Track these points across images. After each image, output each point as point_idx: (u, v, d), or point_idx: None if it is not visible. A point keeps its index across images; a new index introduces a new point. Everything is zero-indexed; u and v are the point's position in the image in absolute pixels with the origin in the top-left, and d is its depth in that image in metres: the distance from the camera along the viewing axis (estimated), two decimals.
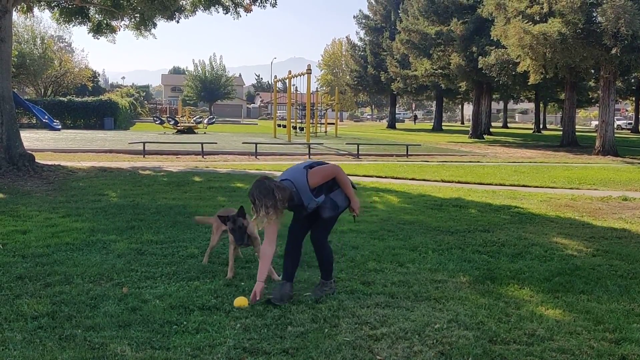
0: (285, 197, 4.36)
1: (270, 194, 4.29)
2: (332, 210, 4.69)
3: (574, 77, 28.80)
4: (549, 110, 74.85)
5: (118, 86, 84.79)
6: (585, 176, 14.67)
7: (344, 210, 4.81)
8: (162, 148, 20.11)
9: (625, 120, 69.61)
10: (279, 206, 4.35)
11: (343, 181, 4.68)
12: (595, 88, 42.42)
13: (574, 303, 4.61)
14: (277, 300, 4.43)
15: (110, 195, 9.62)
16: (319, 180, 4.56)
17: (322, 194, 4.59)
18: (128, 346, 3.56)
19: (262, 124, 60.17)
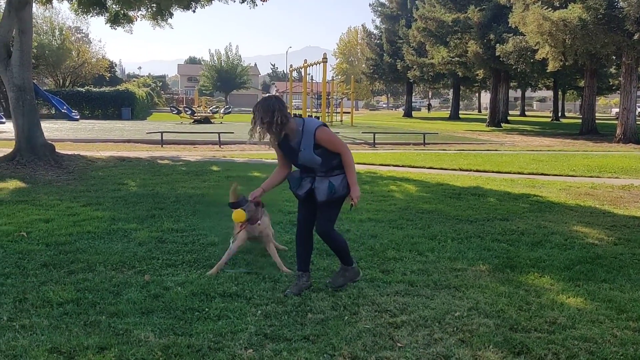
0: (282, 123, 4.26)
1: (270, 112, 4.23)
2: (327, 193, 4.38)
3: (594, 64, 28.36)
4: (567, 98, 73.87)
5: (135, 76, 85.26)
6: (605, 164, 14.50)
7: (342, 198, 4.48)
8: (179, 138, 20.24)
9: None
10: (273, 129, 4.26)
11: (348, 163, 4.41)
12: (616, 75, 41.75)
13: (596, 292, 4.58)
14: (295, 294, 4.44)
15: (129, 184, 9.71)
16: (325, 140, 4.33)
17: (320, 159, 4.36)
18: (151, 332, 3.61)
19: None
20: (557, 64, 25.20)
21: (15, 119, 11.96)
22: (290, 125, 4.35)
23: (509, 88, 45.16)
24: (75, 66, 47.94)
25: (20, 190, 8.92)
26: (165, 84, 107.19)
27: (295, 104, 45.23)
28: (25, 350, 3.31)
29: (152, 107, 55.52)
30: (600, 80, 40.69)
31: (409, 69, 48.41)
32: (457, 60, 38.01)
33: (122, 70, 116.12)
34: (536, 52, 25.64)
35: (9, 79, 11.78)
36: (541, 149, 20.43)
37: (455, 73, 42.59)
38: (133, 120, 35.40)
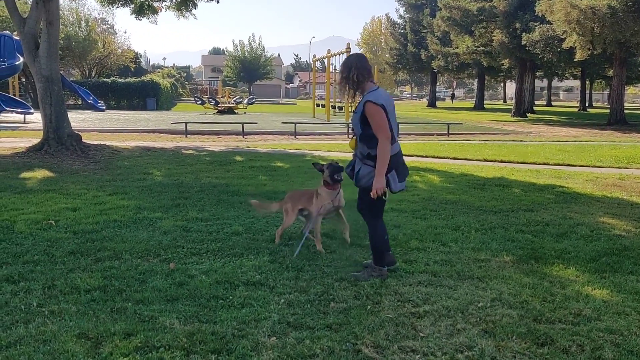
0: (358, 81, 4.42)
1: (347, 68, 4.44)
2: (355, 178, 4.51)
3: (623, 53, 27.78)
4: (595, 88, 72.49)
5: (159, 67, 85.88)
6: (634, 155, 14.23)
7: (366, 190, 4.44)
8: (203, 128, 20.38)
9: None
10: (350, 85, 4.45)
11: (379, 150, 4.27)
12: None
13: (622, 283, 4.52)
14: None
15: (154, 174, 9.83)
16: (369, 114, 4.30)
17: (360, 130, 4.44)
18: (176, 319, 3.67)
19: (301, 104, 60.24)
20: (585, 53, 24.76)
21: (43, 109, 12.17)
22: (365, 86, 4.45)
23: (535, 78, 44.50)
24: (101, 57, 48.50)
25: (48, 180, 9.09)
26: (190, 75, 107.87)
27: (318, 94, 45.17)
28: (54, 336, 3.39)
29: (176, 97, 55.94)
30: (630, 69, 39.80)
31: (433, 58, 48.00)
32: (482, 49, 37.55)
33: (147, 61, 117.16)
34: (563, 40, 25.20)
35: (37, 70, 11.98)
36: (567, 139, 20.13)
37: (480, 62, 42.10)
38: (158, 111, 35.73)
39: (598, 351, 3.35)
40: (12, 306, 3.85)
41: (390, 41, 58.69)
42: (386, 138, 4.31)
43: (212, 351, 3.26)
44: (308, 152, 13.90)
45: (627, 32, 21.83)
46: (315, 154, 13.45)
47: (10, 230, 5.81)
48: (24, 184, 8.56)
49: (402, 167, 4.63)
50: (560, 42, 26.41)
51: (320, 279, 4.53)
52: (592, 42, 23.83)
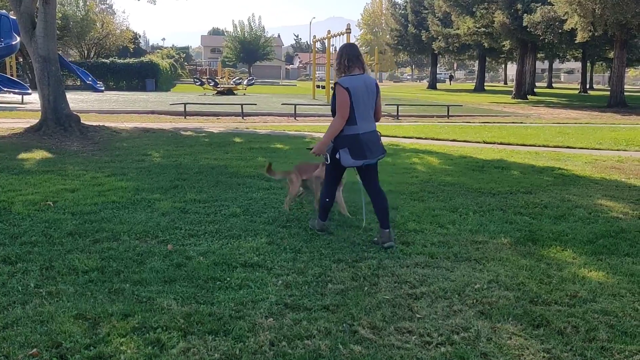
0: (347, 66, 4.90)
1: (339, 55, 4.96)
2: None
3: (624, 35, 27.59)
4: (596, 70, 72.17)
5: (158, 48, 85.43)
6: (633, 137, 14.20)
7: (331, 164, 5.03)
8: (202, 109, 20.30)
9: None
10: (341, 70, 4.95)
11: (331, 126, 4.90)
12: None
13: (618, 266, 4.54)
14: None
15: (153, 155, 9.81)
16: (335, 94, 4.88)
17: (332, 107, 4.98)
18: (174, 300, 3.68)
19: (301, 85, 59.99)
20: (586, 35, 24.61)
21: (40, 90, 12.11)
22: (352, 71, 4.90)
23: (536, 59, 44.28)
24: (99, 37, 48.16)
25: (46, 161, 9.08)
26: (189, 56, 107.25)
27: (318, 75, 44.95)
28: (52, 316, 3.41)
29: (175, 78, 55.70)
30: (631, 52, 39.60)
31: (433, 40, 47.70)
32: (483, 30, 37.29)
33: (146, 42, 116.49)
34: (565, 22, 25.03)
35: (34, 50, 11.90)
36: (567, 121, 20.08)
37: (481, 44, 41.85)
38: (157, 92, 35.60)
39: (593, 332, 3.37)
40: (10, 287, 3.86)
41: (390, 22, 58.27)
42: (340, 117, 4.81)
43: (209, 332, 3.28)
44: (308, 134, 13.87)
45: (628, 13, 21.67)
46: (315, 136, 13.41)
47: (8, 211, 5.81)
48: (21, 165, 8.55)
49: (360, 148, 4.87)
50: (562, 23, 26.22)
51: (317, 260, 4.55)
52: (593, 23, 23.66)
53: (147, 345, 3.12)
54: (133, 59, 42.96)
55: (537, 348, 3.19)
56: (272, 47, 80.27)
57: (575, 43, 30.28)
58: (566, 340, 3.29)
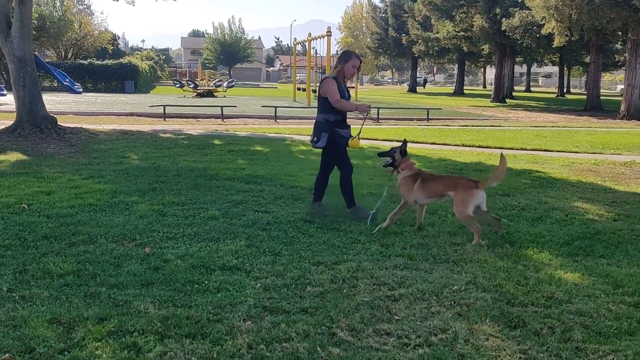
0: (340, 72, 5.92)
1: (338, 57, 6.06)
2: None
3: (600, 40, 28.06)
4: (573, 74, 73.16)
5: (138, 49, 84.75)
6: (608, 141, 14.43)
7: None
8: (182, 111, 20.18)
9: None
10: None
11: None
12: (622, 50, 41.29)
13: (594, 267, 4.60)
14: None
15: (131, 157, 9.72)
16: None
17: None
18: (151, 304, 3.65)
19: (282, 88, 59.92)
20: (562, 39, 24.95)
21: (16, 91, 11.93)
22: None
23: (514, 63, 44.80)
24: (77, 38, 47.57)
25: (21, 163, 8.94)
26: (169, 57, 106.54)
27: (299, 77, 44.97)
28: (25, 321, 3.35)
29: (155, 80, 55.26)
30: (606, 56, 40.27)
31: (414, 43, 47.99)
32: (462, 34, 37.65)
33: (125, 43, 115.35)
34: (542, 26, 25.37)
35: (9, 50, 11.72)
36: (545, 125, 20.32)
37: (461, 48, 42.24)
38: (136, 94, 35.27)
39: (568, 333, 3.41)
40: None
41: (371, 25, 58.52)
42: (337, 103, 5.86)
43: (186, 335, 3.25)
44: (288, 136, 13.85)
45: (604, 19, 22.01)
46: (295, 138, 13.41)
47: None
48: None
49: None
50: (539, 28, 26.55)
51: (297, 263, 4.54)
52: (570, 28, 23.99)
53: (123, 349, 3.08)
54: (112, 60, 42.51)
55: (513, 349, 3.22)
56: (252, 49, 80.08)
57: (552, 47, 30.67)
58: (542, 340, 3.32)
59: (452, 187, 5.33)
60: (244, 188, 7.28)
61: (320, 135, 5.94)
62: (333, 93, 5.78)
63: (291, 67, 57.92)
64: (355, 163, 6.62)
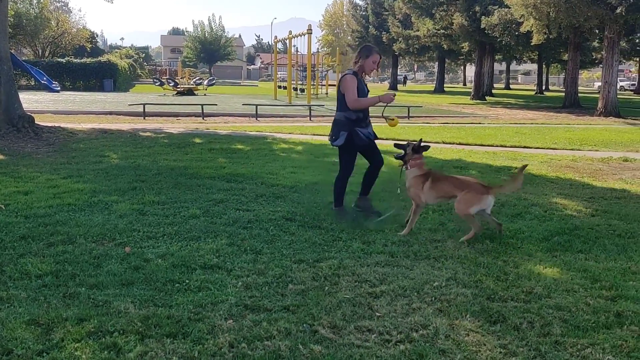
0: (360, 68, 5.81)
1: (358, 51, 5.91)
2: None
3: (577, 38, 28.40)
4: (551, 72, 74.03)
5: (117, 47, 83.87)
6: (586, 137, 14.63)
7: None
8: (162, 110, 20.02)
9: (629, 81, 68.96)
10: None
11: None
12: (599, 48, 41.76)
13: (572, 262, 4.66)
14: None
15: (111, 156, 9.62)
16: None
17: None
18: (131, 304, 3.62)
19: (263, 86, 59.74)
20: (541, 37, 25.20)
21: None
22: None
23: (494, 61, 45.13)
24: (54, 36, 46.94)
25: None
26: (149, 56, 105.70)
27: (280, 75, 44.87)
28: (3, 322, 3.30)
29: (134, 78, 54.77)
30: (584, 54, 40.75)
31: (394, 41, 48.12)
32: (442, 32, 37.82)
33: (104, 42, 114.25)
34: (521, 24, 25.59)
35: None
36: (524, 122, 20.52)
37: (441, 46, 42.41)
38: (115, 92, 34.90)
39: (547, 327, 3.45)
40: None
41: (351, 23, 58.56)
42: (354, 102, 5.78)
43: (167, 335, 3.23)
44: (269, 134, 13.82)
45: (581, 17, 22.27)
46: (276, 137, 13.38)
47: None
48: None
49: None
50: (518, 26, 26.79)
51: (278, 261, 4.53)
52: (548, 26, 24.23)
53: (102, 349, 3.05)
54: (90, 58, 41.99)
55: (494, 344, 3.25)
56: (233, 48, 79.76)
57: (531, 45, 30.97)
58: (522, 335, 3.36)
59: (462, 189, 5.24)
60: (224, 187, 7.25)
61: (339, 134, 5.79)
62: (352, 92, 5.62)
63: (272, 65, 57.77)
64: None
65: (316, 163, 9.41)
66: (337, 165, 6.20)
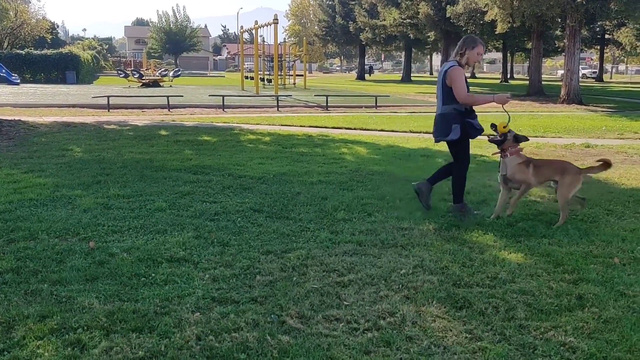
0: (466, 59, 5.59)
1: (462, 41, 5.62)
2: None
3: (540, 26, 28.85)
4: (516, 60, 75.13)
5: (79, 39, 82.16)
6: (550, 124, 14.91)
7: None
8: (127, 102, 19.66)
9: (590, 69, 70.44)
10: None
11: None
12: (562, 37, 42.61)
13: (536, 247, 4.75)
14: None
15: (74, 150, 9.43)
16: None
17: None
18: (96, 299, 3.56)
19: (230, 76, 59.19)
20: (505, 26, 25.55)
21: None
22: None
23: None
24: (13, 27, 45.57)
25: None
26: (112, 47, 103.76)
27: (247, 66, 44.54)
28: None
29: (98, 70, 53.68)
30: (547, 43, 41.49)
31: (361, 31, 48.23)
32: (408, 22, 38.05)
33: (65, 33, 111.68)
34: (485, 13, 25.88)
35: None
36: (489, 110, 20.77)
37: (407, 35, 42.67)
38: (78, 85, 34.16)
39: (511, 311, 3.51)
40: None
41: (318, 13, 58.42)
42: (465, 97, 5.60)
43: (133, 329, 3.19)
44: (236, 126, 13.71)
45: (543, 6, 22.62)
46: (244, 127, 13.29)
47: None
48: None
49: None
50: (483, 14, 27.11)
51: (246, 252, 4.51)
52: (512, 15, 24.57)
53: (66, 346, 3.00)
54: (51, 50, 40.99)
55: (459, 329, 3.29)
56: (198, 38, 78.89)
57: (495, 34, 31.41)
58: (487, 320, 3.41)
59: (561, 172, 5.46)
60: (191, 179, 7.17)
61: (451, 127, 5.54)
62: (463, 86, 5.43)
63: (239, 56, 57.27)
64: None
65: (284, 154, 9.38)
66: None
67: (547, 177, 5.59)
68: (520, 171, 5.54)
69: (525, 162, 5.60)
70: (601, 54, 58.83)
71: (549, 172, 5.59)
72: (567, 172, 5.47)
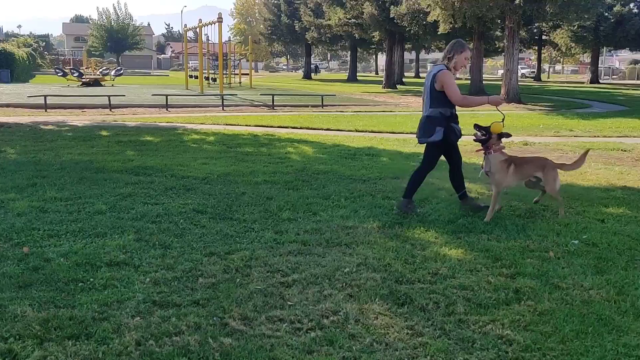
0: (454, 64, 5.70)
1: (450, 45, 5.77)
2: None
3: (481, 27, 29.59)
4: None
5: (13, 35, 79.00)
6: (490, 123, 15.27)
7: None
8: (66, 101, 19.02)
9: (529, 69, 72.82)
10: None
11: None
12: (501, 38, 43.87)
13: (475, 243, 4.87)
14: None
15: (7, 151, 9.06)
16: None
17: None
18: (29, 306, 3.43)
19: (174, 75, 58.14)
20: (447, 27, 26.04)
21: None
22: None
23: (404, 50, 46.28)
24: None
25: None
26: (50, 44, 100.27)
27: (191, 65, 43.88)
28: None
29: (34, 69, 51.81)
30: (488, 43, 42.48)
31: (306, 30, 48.20)
32: (353, 22, 38.26)
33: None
34: (428, 14, 26.33)
35: None
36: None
37: (352, 35, 42.90)
38: (13, 84, 32.83)
39: (452, 306, 3.59)
40: None
41: (264, 12, 58.10)
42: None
43: (69, 337, 3.09)
44: (180, 125, 13.49)
45: (483, 7, 23.20)
46: (187, 127, 13.09)
47: None
48: None
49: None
50: (426, 15, 27.54)
51: (188, 254, 4.44)
52: (454, 16, 25.08)
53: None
54: None
55: (401, 325, 3.34)
56: (141, 36, 77.28)
57: (438, 34, 31.94)
58: (428, 315, 3.47)
59: (541, 169, 5.79)
60: (132, 180, 7.01)
61: (434, 130, 5.65)
62: (456, 89, 5.56)
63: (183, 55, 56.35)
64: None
65: (229, 153, 9.29)
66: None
67: (528, 174, 5.89)
68: (500, 170, 5.77)
69: (507, 159, 5.83)
70: (539, 54, 60.85)
71: (530, 170, 5.89)
72: (546, 168, 5.81)
